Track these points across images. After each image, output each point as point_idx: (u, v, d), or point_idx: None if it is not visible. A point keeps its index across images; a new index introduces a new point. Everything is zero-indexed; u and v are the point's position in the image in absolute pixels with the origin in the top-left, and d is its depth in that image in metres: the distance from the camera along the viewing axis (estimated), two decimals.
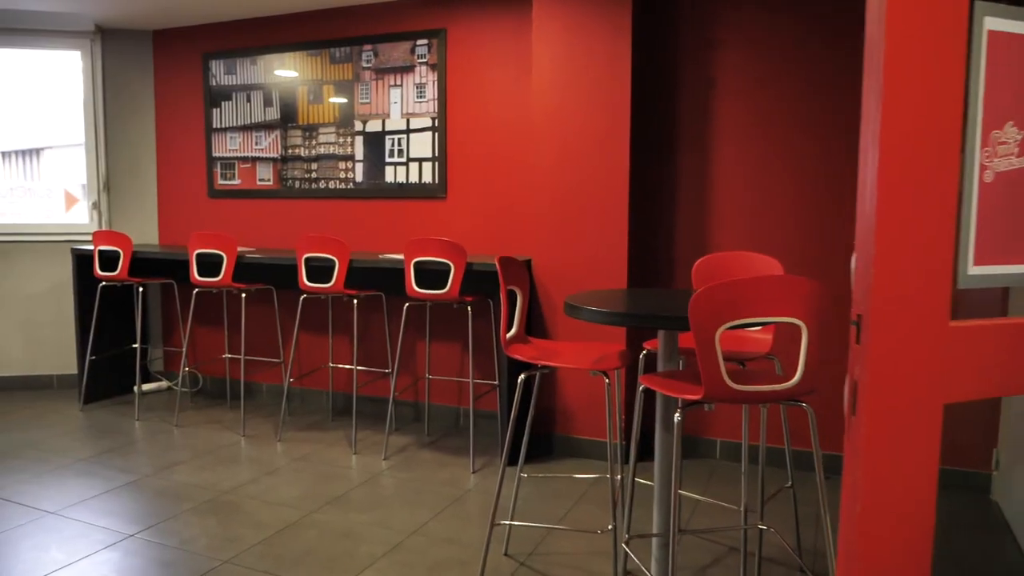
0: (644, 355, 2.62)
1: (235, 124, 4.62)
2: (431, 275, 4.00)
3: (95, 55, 4.69)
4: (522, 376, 2.37)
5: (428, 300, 3.43)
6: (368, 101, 4.22)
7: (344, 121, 4.29)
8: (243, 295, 4.23)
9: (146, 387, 4.81)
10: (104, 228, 4.82)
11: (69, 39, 4.65)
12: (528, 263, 3.64)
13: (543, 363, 2.21)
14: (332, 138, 4.34)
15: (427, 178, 4.12)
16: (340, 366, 4.41)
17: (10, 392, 4.74)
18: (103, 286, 4.51)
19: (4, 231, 4.70)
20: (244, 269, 4.43)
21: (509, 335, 2.37)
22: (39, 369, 4.86)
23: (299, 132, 4.43)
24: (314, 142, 4.39)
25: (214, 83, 4.63)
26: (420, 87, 4.08)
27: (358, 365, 4.35)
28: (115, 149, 4.80)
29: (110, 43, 4.72)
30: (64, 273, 4.72)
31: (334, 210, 4.38)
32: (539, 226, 3.59)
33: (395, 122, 4.15)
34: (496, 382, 4.01)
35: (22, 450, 3.64)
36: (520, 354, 2.29)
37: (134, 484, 3.20)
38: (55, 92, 4.90)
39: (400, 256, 3.87)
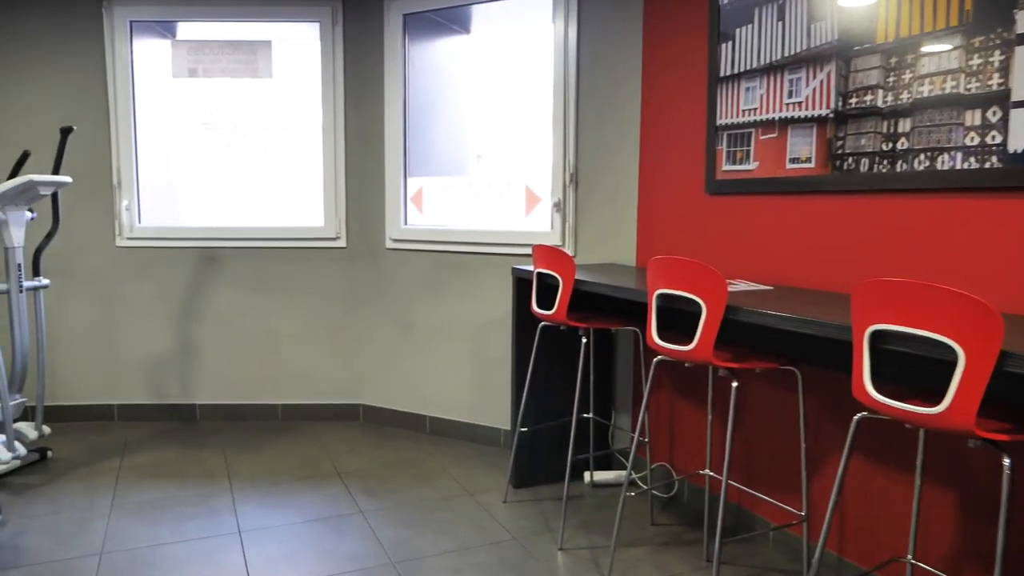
0: None
1: (754, 64, 2.66)
2: None
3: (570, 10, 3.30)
4: None
5: None
6: None
7: (984, 21, 1.94)
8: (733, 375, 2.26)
9: (599, 476, 3.25)
10: (567, 237, 3.42)
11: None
12: None
13: None
14: (952, 63, 2.02)
15: None
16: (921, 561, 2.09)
17: (450, 442, 3.76)
18: (543, 327, 3.08)
19: (456, 239, 3.70)
20: (755, 328, 2.44)
21: None
22: (479, 416, 3.76)
23: (875, 61, 2.24)
24: (907, 77, 2.14)
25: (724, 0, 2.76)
26: None
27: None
28: (588, 128, 3.34)
29: None
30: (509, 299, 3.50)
31: (949, 216, 2.06)
32: None
33: None
34: None
35: (425, 549, 2.41)
36: None
37: None
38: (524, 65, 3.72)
39: None
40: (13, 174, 3.34)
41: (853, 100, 2.31)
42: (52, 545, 2.63)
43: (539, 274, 2.87)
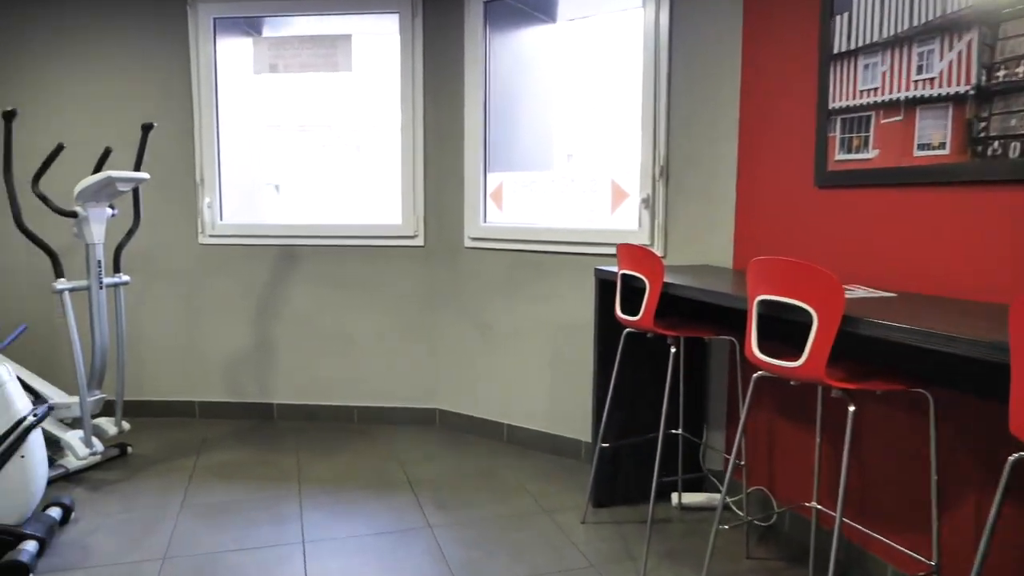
0: None
1: (875, 38, 2.32)
2: None
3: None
4: None
5: None
6: None
7: None
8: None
9: (688, 499, 2.96)
10: (655, 235, 3.15)
11: None
12: None
13: None
14: None
15: None
16: None
17: (528, 452, 3.54)
18: (628, 333, 2.81)
19: (537, 238, 3.49)
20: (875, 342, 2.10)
21: None
22: (559, 427, 3.53)
23: None
24: None
25: None
26: None
27: None
28: (681, 116, 3.06)
29: None
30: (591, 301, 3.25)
31: None
32: None
33: None
34: None
35: (494, 574, 2.21)
36: None
37: None
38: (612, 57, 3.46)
39: None
40: (96, 171, 3.37)
41: (1001, 73, 1.94)
42: (118, 546, 2.58)
43: (624, 276, 2.61)
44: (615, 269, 2.76)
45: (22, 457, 2.41)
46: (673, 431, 3.03)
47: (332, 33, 3.84)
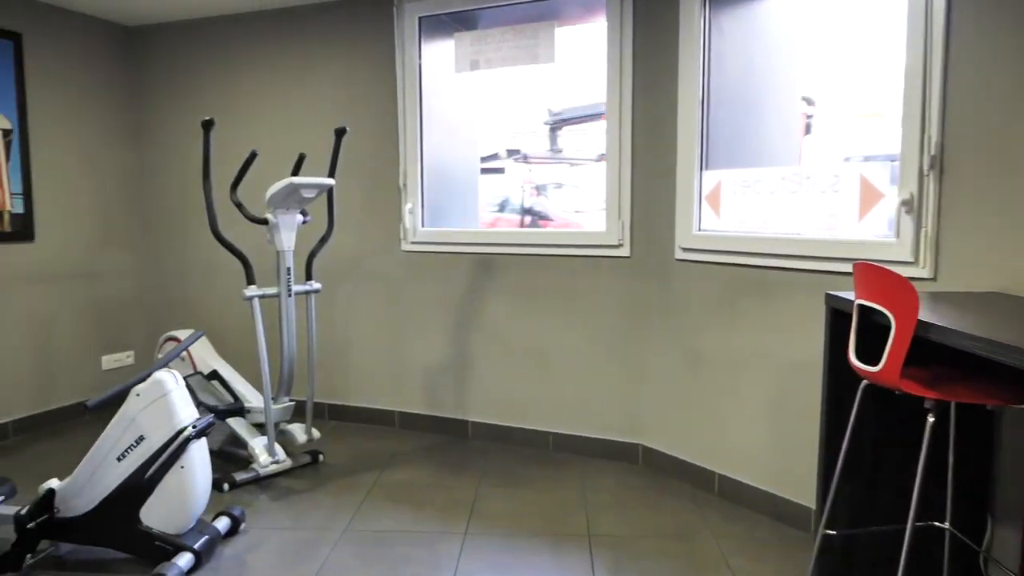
0: None
1: None
2: None
3: None
4: None
5: None
6: None
7: None
8: None
9: None
10: (923, 250, 2.32)
11: None
12: None
13: None
14: None
15: None
16: None
17: (741, 512, 2.87)
18: (866, 386, 2.06)
19: (761, 249, 2.81)
20: None
21: None
22: (781, 485, 2.81)
23: None
24: None
25: None
26: None
27: None
28: (965, 82, 2.21)
29: None
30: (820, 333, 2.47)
31: None
32: None
33: None
34: None
35: None
36: None
37: None
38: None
39: None
40: (294, 175, 3.38)
41: None
42: (272, 567, 2.47)
43: (860, 307, 1.90)
44: (852, 296, 2.04)
45: (182, 468, 2.38)
46: (936, 524, 2.20)
47: (533, 24, 3.50)
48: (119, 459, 2.38)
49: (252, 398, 3.32)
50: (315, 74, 3.97)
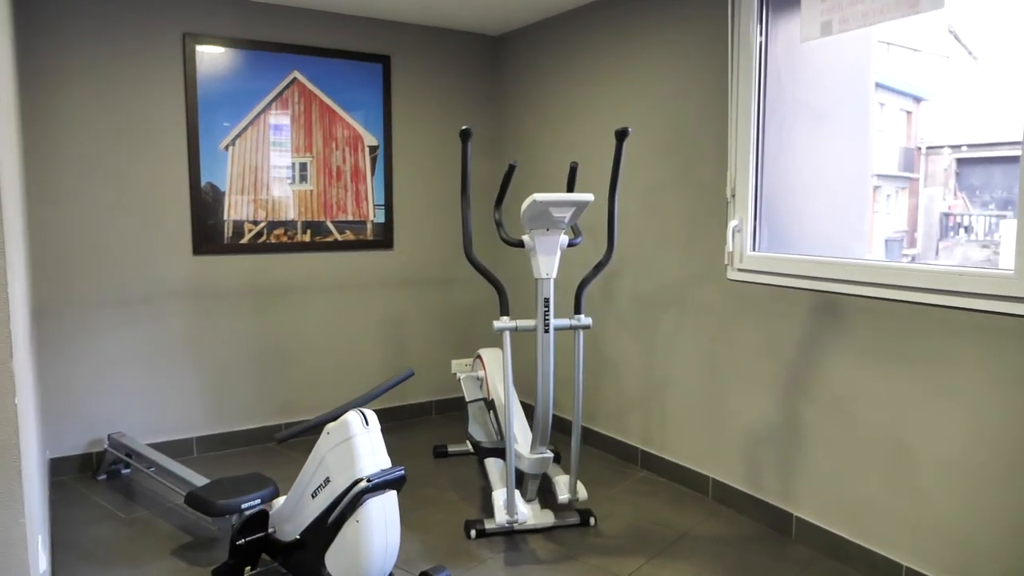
0: None
1: None
2: None
3: None
4: None
5: None
6: None
7: None
8: None
9: None
10: None
11: None
12: None
13: None
14: None
15: None
16: None
17: None
18: None
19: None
20: None
21: None
22: None
23: None
24: None
25: None
26: None
27: None
28: None
29: None
30: None
31: None
32: None
33: None
34: None
35: None
36: None
37: None
38: None
39: None
40: (568, 190, 2.87)
41: None
42: None
43: None
44: None
45: (357, 522, 2.15)
46: None
47: None
48: (312, 496, 2.28)
49: (521, 439, 2.97)
50: (637, 70, 3.38)
